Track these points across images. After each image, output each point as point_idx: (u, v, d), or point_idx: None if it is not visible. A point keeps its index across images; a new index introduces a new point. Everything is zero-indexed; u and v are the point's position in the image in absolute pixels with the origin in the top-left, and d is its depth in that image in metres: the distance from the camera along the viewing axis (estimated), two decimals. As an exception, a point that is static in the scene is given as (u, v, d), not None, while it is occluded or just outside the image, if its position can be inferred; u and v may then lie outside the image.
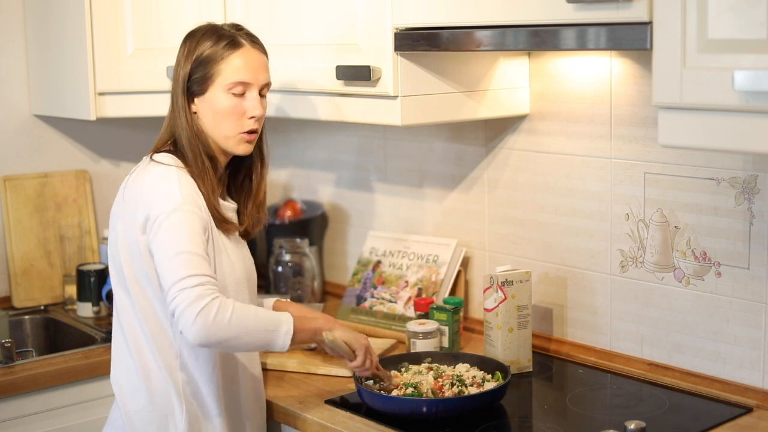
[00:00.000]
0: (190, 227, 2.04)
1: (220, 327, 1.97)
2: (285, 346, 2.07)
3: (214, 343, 2.00)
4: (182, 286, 1.97)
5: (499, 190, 2.69)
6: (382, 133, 3.02)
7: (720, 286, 2.23)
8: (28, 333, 3.01)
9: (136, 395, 2.16)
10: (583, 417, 2.20)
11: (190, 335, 1.97)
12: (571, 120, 2.48)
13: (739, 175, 2.18)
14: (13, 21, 3.10)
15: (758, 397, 2.18)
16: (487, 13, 2.07)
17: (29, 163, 3.15)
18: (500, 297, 2.39)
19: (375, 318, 2.79)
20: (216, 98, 2.16)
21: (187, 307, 1.96)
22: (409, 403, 2.14)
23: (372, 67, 2.33)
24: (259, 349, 2.13)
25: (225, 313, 1.98)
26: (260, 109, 2.19)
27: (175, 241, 2.02)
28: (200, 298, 1.97)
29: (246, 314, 2.02)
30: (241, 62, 2.16)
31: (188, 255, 2.01)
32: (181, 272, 1.99)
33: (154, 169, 2.13)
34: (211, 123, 2.18)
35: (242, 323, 2.00)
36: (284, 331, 2.06)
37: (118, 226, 2.15)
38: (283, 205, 3.22)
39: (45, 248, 3.13)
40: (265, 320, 2.05)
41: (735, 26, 1.64)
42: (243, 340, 2.02)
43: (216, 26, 2.21)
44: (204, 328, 1.96)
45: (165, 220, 2.03)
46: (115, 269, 2.17)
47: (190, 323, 1.96)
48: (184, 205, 2.05)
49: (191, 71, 2.16)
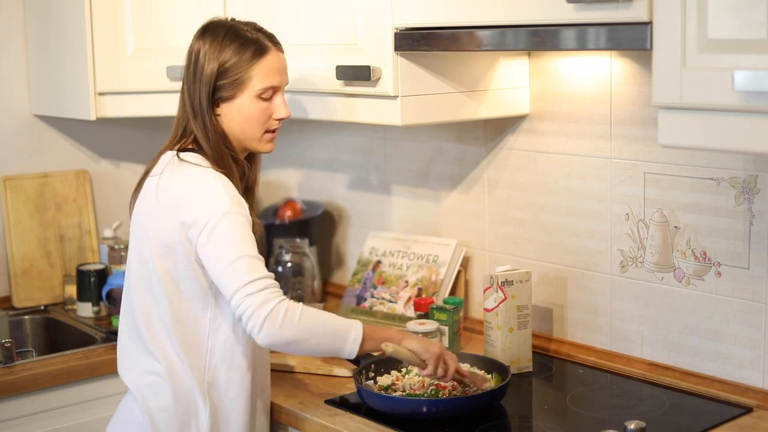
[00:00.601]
0: (242, 230, 2.05)
1: (288, 329, 1.99)
2: (353, 353, 2.08)
3: (282, 345, 2.02)
4: (247, 292, 1.99)
5: (499, 190, 2.69)
6: (382, 133, 3.02)
7: (720, 286, 2.23)
8: (28, 333, 3.01)
9: (160, 394, 2.13)
10: (583, 417, 2.20)
11: (260, 338, 2.00)
12: (571, 120, 2.48)
13: (739, 175, 2.18)
14: (13, 21, 3.10)
15: (758, 397, 2.18)
16: (487, 13, 2.07)
17: (29, 163, 3.15)
18: (500, 297, 2.39)
19: (375, 318, 2.80)
20: (246, 104, 2.17)
21: (254, 312, 1.98)
22: (409, 403, 2.14)
23: (372, 67, 2.33)
24: (327, 353, 2.11)
25: (294, 316, 2.00)
26: (287, 110, 2.22)
27: (231, 246, 2.02)
28: (267, 302, 1.99)
29: (316, 318, 2.04)
30: (270, 67, 2.18)
31: (247, 259, 2.02)
32: (244, 278, 2.00)
33: (190, 170, 2.11)
34: (238, 126, 2.18)
35: (311, 327, 2.02)
36: (353, 337, 2.07)
37: (152, 225, 2.12)
38: (283, 205, 3.22)
39: (45, 248, 3.13)
40: (335, 325, 2.06)
41: (735, 26, 1.64)
42: (311, 343, 2.03)
43: (236, 27, 2.19)
44: (272, 330, 1.98)
45: (217, 224, 2.03)
46: (143, 270, 2.15)
47: (258, 327, 1.98)
48: (233, 207, 2.05)
49: (218, 75, 2.15)
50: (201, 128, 2.15)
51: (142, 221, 2.16)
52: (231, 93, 2.16)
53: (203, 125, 2.15)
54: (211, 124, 2.15)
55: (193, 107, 2.16)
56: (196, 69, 2.16)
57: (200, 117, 2.15)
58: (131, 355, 2.20)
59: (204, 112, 2.15)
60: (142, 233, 2.15)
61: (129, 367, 2.20)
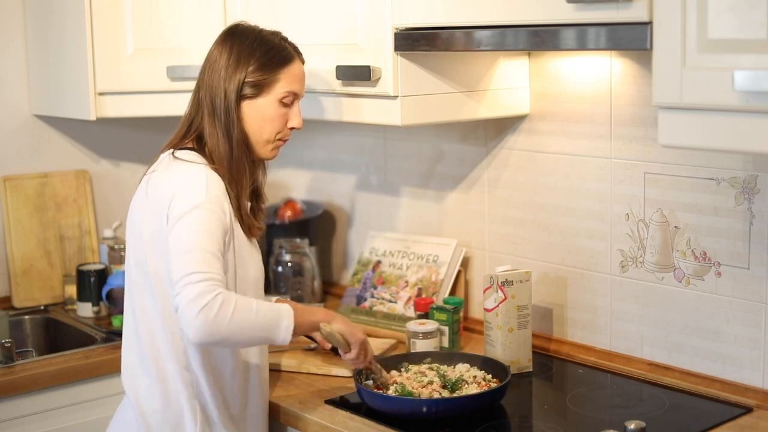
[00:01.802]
0: (208, 225, 2.03)
1: (220, 325, 1.95)
2: (286, 340, 2.06)
3: (213, 341, 1.98)
4: (187, 282, 1.96)
5: (499, 190, 2.69)
6: (382, 133, 3.02)
7: (720, 286, 2.23)
8: (28, 333, 3.01)
9: (152, 397, 2.14)
10: (583, 417, 2.20)
11: (191, 332, 1.95)
12: (571, 120, 2.48)
13: (739, 175, 2.18)
14: (13, 21, 3.10)
15: (758, 397, 2.18)
16: (487, 13, 2.07)
17: (29, 163, 3.15)
18: (500, 297, 2.39)
19: (375, 318, 2.79)
20: (268, 106, 2.19)
21: (188, 304, 1.94)
22: (409, 403, 2.14)
23: (372, 67, 2.33)
24: (260, 343, 2.13)
25: (227, 311, 1.96)
26: (300, 121, 2.25)
27: (190, 237, 2.01)
28: (202, 295, 1.95)
29: (248, 310, 1.99)
30: (295, 74, 2.22)
31: (200, 252, 2.00)
32: (189, 268, 1.97)
33: (182, 166, 2.12)
34: (255, 127, 2.19)
35: (243, 320, 1.99)
36: (285, 325, 2.05)
37: (143, 224, 2.13)
38: (283, 205, 3.22)
39: (45, 248, 3.13)
40: (266, 316, 2.04)
41: (735, 26, 1.64)
42: (244, 337, 2.01)
43: (264, 34, 2.23)
44: (205, 325, 1.94)
45: (184, 215, 2.02)
46: (139, 269, 2.15)
47: (191, 320, 1.94)
48: (207, 203, 2.05)
49: (246, 75, 2.17)
50: (223, 125, 2.16)
51: (135, 220, 2.17)
52: (255, 92, 2.18)
53: (226, 123, 2.16)
54: (237, 120, 2.17)
55: (214, 105, 2.17)
56: (227, 67, 2.17)
57: (223, 114, 2.16)
58: (129, 356, 2.21)
59: (229, 108, 2.16)
60: (136, 232, 2.16)
61: (127, 367, 2.21)
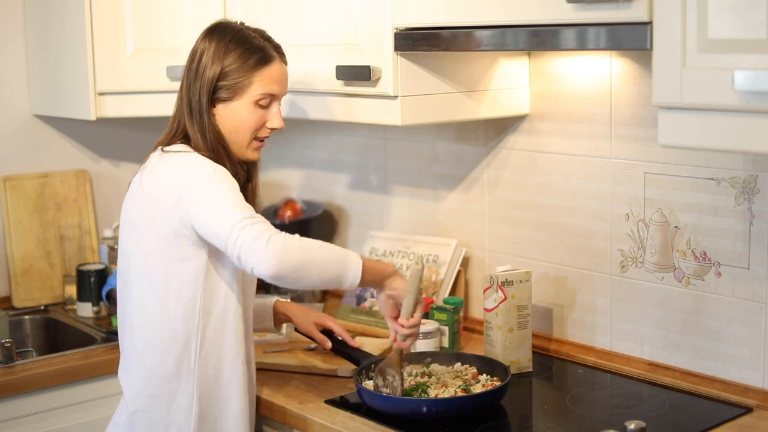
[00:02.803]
0: (229, 184, 2.05)
1: (292, 252, 1.97)
2: (356, 278, 2.04)
3: (288, 270, 1.97)
4: (243, 225, 1.97)
5: (499, 190, 2.69)
6: (382, 133, 3.02)
7: (720, 286, 2.23)
8: (28, 333, 3.01)
9: (143, 395, 2.15)
10: (583, 417, 2.20)
11: (264, 265, 1.95)
12: (571, 120, 2.48)
13: (739, 175, 2.18)
14: (13, 21, 3.10)
15: (758, 397, 2.18)
16: (487, 13, 2.07)
17: (29, 163, 3.15)
18: (500, 297, 2.39)
19: (375, 318, 2.79)
20: (242, 109, 2.17)
21: (254, 240, 1.95)
22: (409, 403, 2.14)
23: (372, 67, 2.33)
24: (331, 280, 2.06)
25: (294, 240, 1.99)
26: (281, 122, 2.22)
27: (218, 196, 2.02)
28: (264, 231, 1.97)
29: (314, 243, 2.03)
30: (272, 76, 2.18)
31: (238, 202, 2.02)
32: (236, 215, 1.99)
33: (175, 156, 2.12)
34: (230, 129, 2.18)
35: (313, 250, 2.01)
36: (354, 260, 2.05)
37: (141, 217, 2.12)
38: (283, 205, 3.22)
39: (45, 248, 3.13)
40: (335, 249, 2.06)
41: (735, 26, 1.64)
42: (317, 268, 2.01)
43: (244, 32, 2.20)
44: (276, 254, 1.95)
45: (202, 184, 2.04)
46: (136, 265, 2.14)
47: (261, 253, 1.94)
48: (215, 173, 2.06)
49: (219, 76, 2.16)
50: (198, 127, 2.16)
51: (129, 216, 2.17)
52: (229, 95, 2.16)
53: (200, 124, 2.16)
54: (209, 123, 2.16)
55: (191, 105, 2.17)
56: (199, 67, 2.17)
57: (197, 115, 2.16)
58: (124, 354, 2.21)
59: (202, 110, 2.15)
60: (131, 227, 2.16)
61: (122, 366, 2.21)
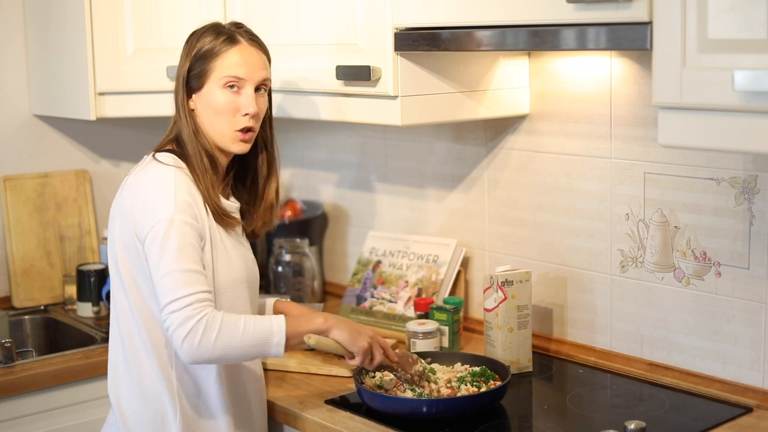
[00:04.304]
0: (182, 240, 2.04)
1: (206, 348, 1.99)
2: (279, 354, 2.07)
3: (204, 362, 2.03)
4: (171, 309, 2.00)
5: (499, 190, 2.69)
6: (382, 133, 3.02)
7: (720, 286, 2.23)
8: (28, 333, 3.01)
9: (131, 398, 2.15)
10: (583, 417, 2.20)
11: (182, 356, 2.01)
12: (571, 120, 2.48)
13: (739, 175, 2.18)
14: (13, 21, 3.10)
15: (758, 397, 2.18)
16: (487, 13, 2.07)
17: (29, 163, 3.15)
18: (500, 297, 2.39)
19: (375, 318, 2.79)
20: (211, 93, 2.16)
21: (175, 330, 1.99)
22: (409, 403, 2.14)
23: (372, 67, 2.33)
24: (254, 358, 2.13)
25: (211, 334, 1.99)
26: (254, 106, 2.17)
27: (167, 258, 2.02)
28: (187, 321, 1.99)
29: (234, 330, 2.01)
30: (237, 58, 2.16)
31: (179, 273, 2.01)
32: (171, 294, 2.00)
33: (153, 170, 2.12)
34: (207, 119, 2.18)
35: (230, 342, 2.01)
36: (275, 341, 2.05)
37: (116, 224, 2.15)
38: (283, 205, 3.22)
39: (45, 248, 3.13)
40: (255, 333, 2.04)
41: (735, 26, 1.64)
42: (234, 355, 2.04)
43: (217, 24, 2.22)
44: (191, 350, 1.99)
45: (159, 233, 2.03)
46: (114, 268, 2.17)
47: (179, 346, 2.00)
48: (176, 215, 2.04)
49: (190, 67, 2.18)
50: (181, 123, 2.18)
51: (112, 221, 2.18)
52: (199, 82, 2.17)
53: (182, 120, 2.18)
54: (186, 119, 2.17)
55: (177, 105, 2.19)
56: (178, 66, 2.21)
57: (179, 112, 2.18)
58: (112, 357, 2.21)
59: (180, 105, 2.18)
60: (111, 232, 2.17)
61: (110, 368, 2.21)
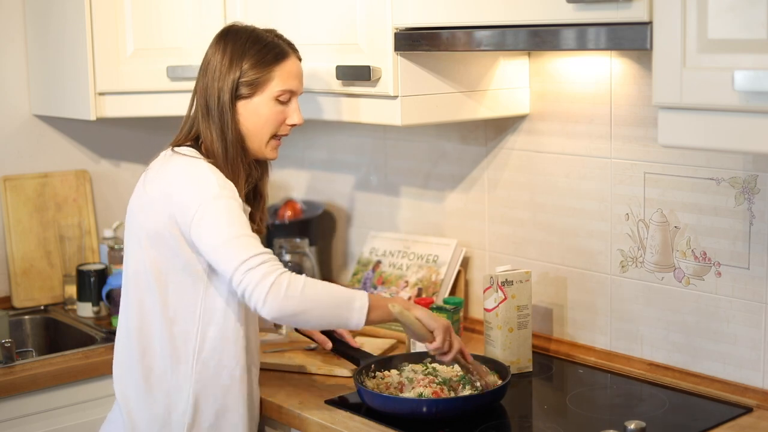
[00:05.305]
0: (234, 211, 2.06)
1: (293, 300, 1.99)
2: (360, 322, 2.06)
3: (288, 316, 2.02)
4: (247, 267, 1.99)
5: (499, 190, 2.69)
6: (382, 133, 3.02)
7: (720, 286, 2.23)
8: (28, 333, 3.01)
9: (140, 396, 2.15)
10: (583, 417, 2.20)
11: (264, 311, 1.99)
12: (571, 120, 2.48)
13: (739, 175, 2.18)
14: (13, 21, 3.10)
15: (758, 397, 2.18)
16: (487, 13, 2.07)
17: (29, 163, 3.15)
18: (500, 297, 2.39)
19: (375, 318, 2.79)
20: (263, 104, 2.18)
21: (257, 286, 1.98)
22: (409, 403, 2.14)
23: (372, 67, 2.33)
24: (334, 324, 2.10)
25: (297, 287, 2.00)
26: (300, 117, 2.24)
27: (223, 227, 2.03)
28: (268, 275, 1.99)
29: (319, 288, 2.04)
30: (290, 71, 2.21)
31: (244, 237, 2.03)
32: (242, 254, 2.00)
33: (181, 160, 2.13)
34: (252, 127, 2.19)
35: (315, 297, 2.02)
36: (359, 305, 2.06)
37: (139, 217, 2.14)
38: (283, 205, 3.22)
39: (45, 248, 3.13)
40: (340, 294, 2.06)
41: (735, 26, 1.64)
42: (317, 313, 2.03)
43: (258, 32, 2.22)
44: (276, 302, 1.98)
45: (207, 209, 2.04)
46: (134, 265, 2.15)
47: (262, 300, 1.98)
48: (222, 191, 2.07)
49: (241, 74, 2.17)
50: (217, 127, 2.16)
51: (133, 215, 2.18)
52: (250, 92, 2.18)
53: (220, 124, 2.16)
54: (231, 122, 2.16)
55: (209, 106, 2.17)
56: (218, 69, 2.17)
57: (217, 115, 2.16)
58: (119, 354, 2.21)
59: (224, 109, 2.16)
60: (133, 227, 2.17)
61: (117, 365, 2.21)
